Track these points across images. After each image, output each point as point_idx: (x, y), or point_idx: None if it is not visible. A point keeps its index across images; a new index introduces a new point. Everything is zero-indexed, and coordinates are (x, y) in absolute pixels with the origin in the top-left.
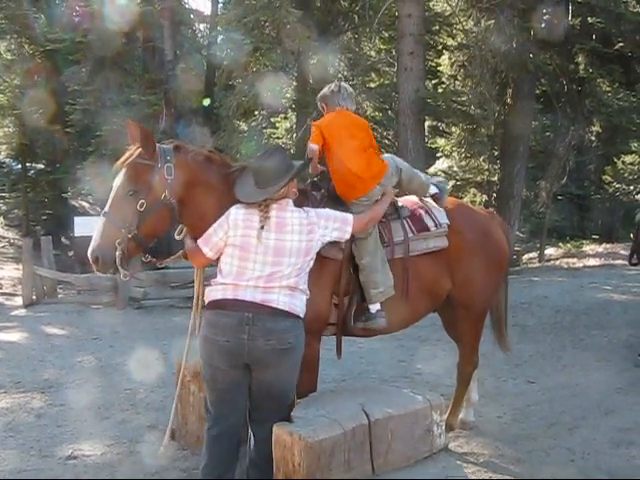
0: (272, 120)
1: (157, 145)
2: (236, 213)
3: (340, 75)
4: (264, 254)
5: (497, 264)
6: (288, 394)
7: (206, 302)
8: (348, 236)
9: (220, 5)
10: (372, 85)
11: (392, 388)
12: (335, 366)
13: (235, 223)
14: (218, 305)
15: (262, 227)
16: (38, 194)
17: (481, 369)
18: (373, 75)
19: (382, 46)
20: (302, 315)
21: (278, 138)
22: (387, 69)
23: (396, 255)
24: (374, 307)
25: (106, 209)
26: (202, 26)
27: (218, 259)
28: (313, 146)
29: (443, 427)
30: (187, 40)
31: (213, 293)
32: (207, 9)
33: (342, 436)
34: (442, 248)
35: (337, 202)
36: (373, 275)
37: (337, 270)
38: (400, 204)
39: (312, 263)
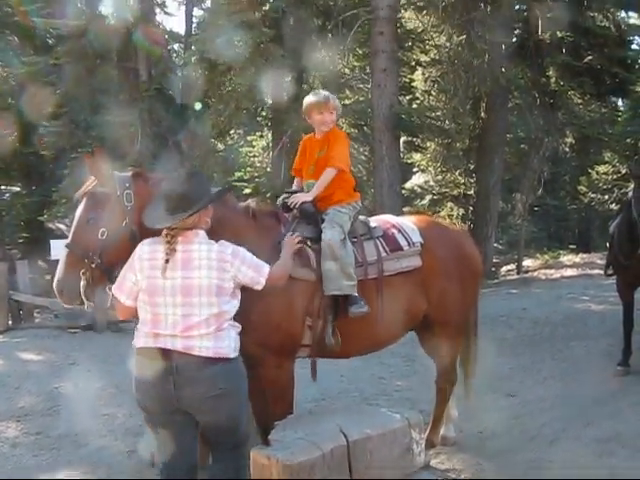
0: (248, 139)
1: (115, 173)
2: (141, 252)
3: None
4: (172, 295)
5: (472, 281)
6: (237, 431)
7: (135, 347)
8: (260, 287)
9: (194, 25)
10: (347, 102)
11: (370, 407)
12: (314, 385)
13: (141, 265)
14: (144, 353)
15: (167, 261)
16: (14, 217)
17: (460, 384)
18: (347, 92)
19: (356, 63)
20: (234, 354)
21: (254, 157)
22: (361, 86)
23: (370, 275)
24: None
25: (68, 240)
26: (176, 46)
27: None
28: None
29: (423, 445)
30: (162, 60)
31: (139, 340)
32: (182, 29)
33: (320, 458)
34: (416, 267)
35: (310, 222)
36: (349, 268)
37: (309, 291)
38: (373, 224)
39: (237, 305)
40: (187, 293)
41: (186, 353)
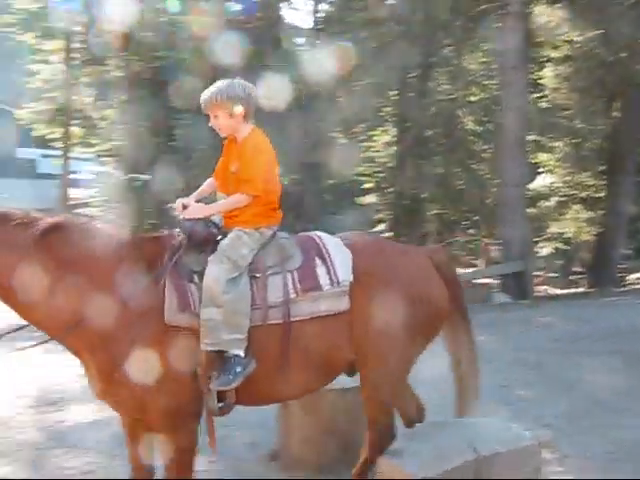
0: (370, 133)
1: None
2: None
3: (440, 89)
4: None
5: (425, 325)
6: None
7: None
8: None
9: (320, 20)
10: (473, 99)
11: (500, 423)
12: (435, 389)
13: None
14: None
15: None
16: (142, 204)
17: (591, 401)
18: (474, 89)
19: (483, 59)
20: None
21: (377, 151)
22: (487, 82)
23: (271, 320)
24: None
25: None
26: (301, 40)
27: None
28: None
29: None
30: (288, 54)
31: None
32: (307, 24)
33: (448, 472)
34: (341, 311)
35: (198, 250)
36: (237, 317)
37: (195, 340)
38: (292, 251)
39: None
40: None
41: None
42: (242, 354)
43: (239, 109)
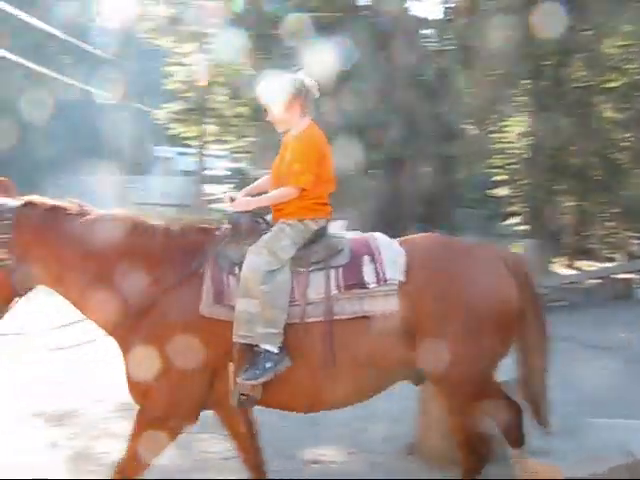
0: (502, 124)
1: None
2: None
3: (576, 76)
4: None
5: (490, 324)
6: None
7: None
8: None
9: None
10: (612, 85)
11: None
12: (570, 386)
13: None
14: None
15: None
16: None
17: None
18: (612, 74)
19: (624, 42)
20: None
21: (510, 142)
22: (627, 67)
23: (310, 318)
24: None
25: None
26: (428, 32)
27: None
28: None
29: None
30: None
31: None
32: (431, 15)
33: (599, 475)
34: (389, 311)
35: (243, 242)
36: (273, 311)
37: (230, 332)
38: (342, 247)
39: None
40: None
41: None
42: (274, 350)
43: (293, 103)
